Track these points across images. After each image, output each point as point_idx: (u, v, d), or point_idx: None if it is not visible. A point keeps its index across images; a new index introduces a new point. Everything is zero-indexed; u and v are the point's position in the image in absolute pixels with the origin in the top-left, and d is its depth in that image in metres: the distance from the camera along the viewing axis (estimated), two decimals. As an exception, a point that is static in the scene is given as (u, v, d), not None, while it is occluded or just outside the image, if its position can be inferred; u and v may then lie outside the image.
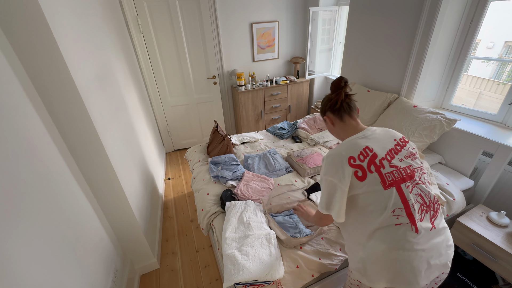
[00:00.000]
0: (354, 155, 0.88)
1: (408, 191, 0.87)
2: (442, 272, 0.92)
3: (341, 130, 1.02)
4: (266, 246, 1.23)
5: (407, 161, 0.92)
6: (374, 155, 0.88)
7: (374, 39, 2.30)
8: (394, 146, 0.93)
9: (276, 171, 1.89)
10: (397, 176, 0.88)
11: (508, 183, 1.74)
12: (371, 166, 0.87)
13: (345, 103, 0.99)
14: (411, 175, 0.90)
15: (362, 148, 0.89)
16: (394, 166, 0.89)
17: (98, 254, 1.30)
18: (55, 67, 1.03)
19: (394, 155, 0.91)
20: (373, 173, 0.86)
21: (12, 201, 0.79)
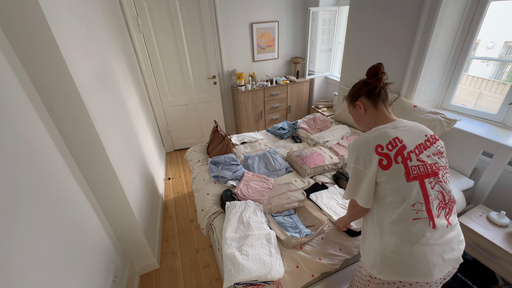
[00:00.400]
0: (382, 143, 0.87)
1: (430, 187, 0.87)
2: (453, 267, 0.93)
3: (372, 117, 0.99)
4: (266, 246, 1.23)
5: (434, 158, 0.91)
6: (403, 147, 0.87)
7: (374, 39, 2.30)
8: (424, 141, 0.92)
9: (276, 171, 1.89)
10: (422, 171, 0.87)
11: (508, 183, 1.74)
12: (398, 156, 0.86)
13: (383, 90, 0.96)
14: (436, 172, 0.89)
15: (392, 138, 0.88)
16: (421, 161, 0.88)
17: (98, 254, 1.30)
18: (55, 67, 1.03)
19: (422, 150, 0.90)
20: (399, 164, 0.86)
21: (12, 201, 0.79)
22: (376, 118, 0.98)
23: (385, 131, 0.91)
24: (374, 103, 0.97)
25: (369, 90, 0.96)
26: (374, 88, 0.95)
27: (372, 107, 0.98)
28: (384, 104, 0.98)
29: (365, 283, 1.02)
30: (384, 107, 0.98)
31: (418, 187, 0.86)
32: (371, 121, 0.99)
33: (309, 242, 1.32)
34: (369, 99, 0.97)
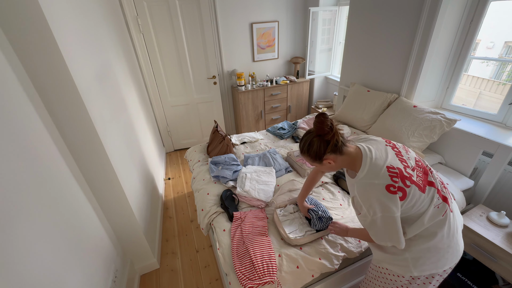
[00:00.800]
0: (388, 182, 0.85)
1: (434, 179, 0.92)
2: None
3: (343, 162, 0.96)
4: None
5: (410, 156, 0.95)
6: (399, 170, 0.86)
7: (374, 39, 2.30)
8: (392, 149, 0.94)
9: (276, 171, 1.89)
10: (421, 175, 0.91)
11: (508, 183, 1.74)
12: (405, 181, 0.85)
13: (341, 137, 0.94)
14: (424, 165, 0.94)
15: (386, 170, 0.86)
16: (413, 168, 0.90)
17: (98, 254, 1.30)
18: (55, 67, 1.03)
19: (403, 158, 0.92)
20: (410, 186, 0.86)
21: (12, 201, 0.79)
22: (345, 162, 0.96)
23: (376, 166, 0.88)
24: (340, 153, 0.94)
25: (331, 146, 0.92)
26: (336, 143, 0.91)
27: (339, 156, 0.94)
28: (346, 145, 0.95)
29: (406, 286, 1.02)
30: (347, 148, 0.95)
31: (431, 188, 0.90)
32: (343, 165, 0.98)
33: (309, 243, 1.32)
34: (335, 153, 0.94)
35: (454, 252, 0.93)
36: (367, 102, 2.32)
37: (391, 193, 0.83)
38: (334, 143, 0.91)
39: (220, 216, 1.53)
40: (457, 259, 0.94)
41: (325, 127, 0.90)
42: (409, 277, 0.97)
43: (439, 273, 0.95)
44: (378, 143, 0.97)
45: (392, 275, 1.02)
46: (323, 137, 0.92)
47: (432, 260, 0.92)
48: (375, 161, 0.89)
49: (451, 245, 0.92)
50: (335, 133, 0.90)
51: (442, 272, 0.95)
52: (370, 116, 2.27)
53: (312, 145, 0.94)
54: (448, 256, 0.92)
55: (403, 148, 0.97)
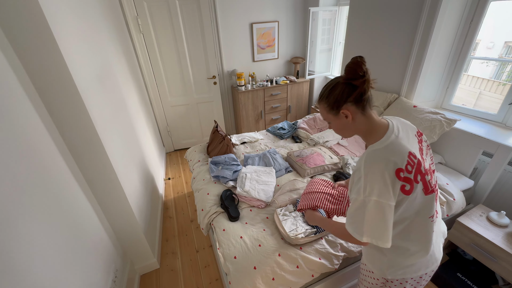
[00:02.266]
0: (402, 165, 0.73)
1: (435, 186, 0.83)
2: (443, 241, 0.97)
3: (360, 126, 0.82)
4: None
5: (428, 157, 0.85)
6: (419, 163, 0.75)
7: (374, 39, 2.30)
8: (418, 143, 0.82)
9: (276, 171, 1.89)
10: (431, 177, 0.81)
11: (508, 183, 1.74)
12: (417, 176, 0.75)
13: (370, 93, 0.79)
14: (433, 171, 0.85)
15: (407, 155, 0.74)
16: (430, 170, 0.81)
17: (98, 254, 1.30)
18: (55, 67, 1.03)
19: (423, 156, 0.81)
20: (419, 183, 0.75)
21: (12, 201, 0.79)
22: (365, 125, 0.82)
23: (399, 144, 0.76)
24: (362, 110, 0.80)
25: (357, 95, 0.77)
26: (363, 93, 0.76)
27: (360, 114, 0.80)
28: (371, 108, 0.82)
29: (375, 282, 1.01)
30: (371, 112, 0.82)
31: (433, 198, 0.81)
32: (360, 130, 0.84)
33: (309, 243, 1.32)
34: (357, 106, 0.79)
35: (430, 259, 0.88)
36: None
37: (398, 179, 0.72)
38: (362, 92, 0.76)
39: (220, 216, 1.53)
40: (433, 265, 0.89)
41: (358, 70, 0.74)
42: (382, 279, 0.96)
43: (413, 278, 0.89)
44: (408, 128, 0.84)
45: (369, 276, 1.02)
46: (351, 81, 0.77)
47: (407, 265, 0.87)
48: (400, 140, 0.76)
49: (430, 252, 0.87)
50: (366, 80, 0.75)
51: (418, 278, 0.90)
52: (370, 116, 2.27)
53: (335, 88, 0.80)
54: (423, 261, 0.87)
55: (426, 147, 0.87)
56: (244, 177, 1.74)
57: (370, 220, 0.75)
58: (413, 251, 0.86)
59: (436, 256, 0.89)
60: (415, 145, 0.80)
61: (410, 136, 0.81)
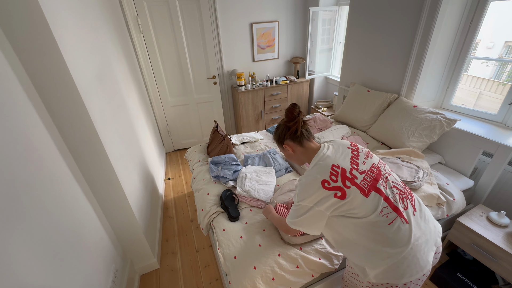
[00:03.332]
0: (326, 177, 0.89)
1: (384, 188, 0.91)
2: (436, 251, 0.96)
3: (302, 155, 1.04)
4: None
5: (368, 162, 0.96)
6: (343, 170, 0.90)
7: (374, 39, 2.30)
8: (351, 152, 0.97)
9: (275, 171, 1.89)
10: (370, 180, 0.91)
11: (508, 183, 1.74)
12: (345, 182, 0.88)
13: (304, 129, 1.02)
14: (379, 173, 0.94)
15: (330, 168, 0.90)
16: (363, 172, 0.92)
17: (98, 254, 1.30)
18: (55, 67, 1.03)
19: (357, 161, 0.94)
20: (351, 187, 0.88)
21: (12, 201, 0.79)
22: (305, 153, 1.03)
23: (321, 163, 0.93)
24: (299, 143, 1.02)
25: (291, 133, 1.01)
26: (295, 131, 1.00)
27: (298, 146, 1.03)
28: (309, 140, 1.03)
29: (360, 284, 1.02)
30: (309, 142, 1.02)
31: (377, 195, 0.89)
32: (303, 157, 1.05)
33: (309, 242, 1.32)
34: (293, 141, 1.02)
35: (412, 265, 0.86)
36: (367, 102, 2.32)
37: (325, 188, 0.88)
38: (293, 131, 1.01)
39: (220, 216, 1.54)
40: (417, 273, 0.87)
41: (290, 115, 1.02)
42: (367, 282, 0.97)
43: (397, 285, 0.89)
44: (340, 145, 1.00)
45: (356, 279, 1.03)
46: (288, 123, 1.02)
47: (387, 269, 0.87)
48: (326, 158, 0.94)
49: (407, 257, 0.86)
50: (297, 122, 1.00)
51: (402, 285, 0.90)
52: (370, 116, 2.27)
53: (278, 129, 1.08)
54: (404, 267, 0.86)
55: (365, 153, 0.99)
56: (244, 177, 1.74)
57: (297, 215, 0.96)
58: (386, 252, 0.87)
59: (420, 264, 0.87)
60: (345, 155, 0.96)
61: (341, 150, 0.98)
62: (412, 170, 1.66)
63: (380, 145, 2.13)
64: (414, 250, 0.87)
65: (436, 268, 1.63)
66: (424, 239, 0.90)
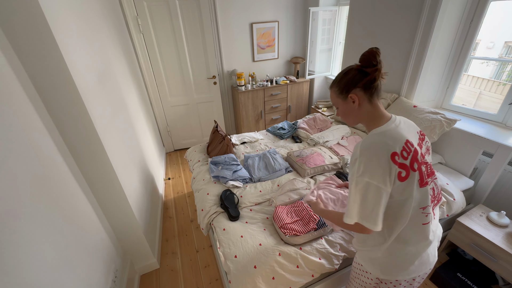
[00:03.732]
0: (397, 150, 0.75)
1: (430, 187, 0.84)
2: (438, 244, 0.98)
3: (365, 113, 0.86)
4: None
5: (427, 156, 0.88)
6: (415, 151, 0.78)
7: (374, 39, 2.30)
8: (418, 138, 0.85)
9: (276, 171, 1.89)
10: (429, 173, 0.83)
11: (508, 183, 1.74)
12: (414, 164, 0.77)
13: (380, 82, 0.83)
14: (433, 171, 0.87)
15: (404, 142, 0.77)
16: (425, 162, 0.82)
17: (98, 254, 1.30)
18: (55, 67, 1.03)
19: (422, 152, 0.84)
20: (416, 171, 0.77)
21: (12, 201, 0.79)
22: (370, 113, 0.85)
23: (397, 132, 0.79)
24: (370, 97, 0.83)
25: (367, 82, 0.81)
26: (373, 80, 0.80)
27: (367, 101, 0.84)
28: (379, 98, 0.86)
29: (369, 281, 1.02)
30: (378, 101, 0.86)
31: (428, 190, 0.82)
32: (364, 117, 0.87)
33: (309, 242, 1.32)
34: (365, 92, 0.83)
35: (424, 261, 0.89)
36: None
37: (394, 163, 0.74)
38: (372, 79, 0.80)
39: (220, 216, 1.54)
40: (426, 268, 0.89)
41: (372, 60, 0.79)
42: (376, 279, 0.97)
43: (406, 279, 0.91)
44: (411, 125, 0.87)
45: (363, 276, 1.02)
46: (364, 69, 0.81)
47: (401, 266, 0.88)
48: (399, 129, 0.80)
49: (422, 254, 0.88)
50: (378, 69, 0.79)
51: (411, 280, 0.91)
52: (370, 116, 2.27)
53: (348, 74, 0.85)
54: (416, 264, 0.88)
55: (427, 147, 0.89)
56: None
57: (359, 201, 0.78)
58: (407, 249, 0.87)
59: (430, 260, 0.90)
60: (415, 140, 0.83)
61: (411, 131, 0.84)
62: (412, 170, 1.66)
63: (380, 145, 2.12)
64: (429, 247, 0.89)
65: (436, 268, 1.63)
66: (437, 236, 0.93)
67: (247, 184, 1.81)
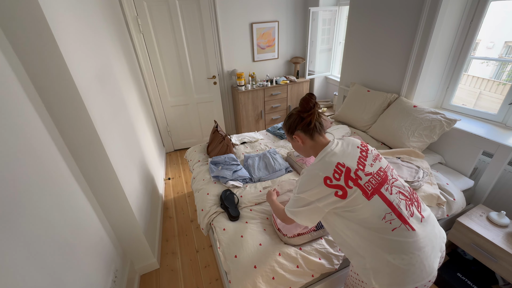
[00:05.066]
0: (329, 174, 0.87)
1: (388, 193, 0.88)
2: (441, 256, 0.94)
3: (310, 148, 1.02)
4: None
5: (376, 164, 0.93)
6: (347, 170, 0.88)
7: (374, 39, 2.30)
8: (360, 153, 0.94)
9: (276, 171, 1.89)
10: (375, 183, 0.88)
11: (508, 183, 1.74)
12: (348, 181, 0.86)
13: (318, 122, 0.99)
14: (385, 177, 0.91)
15: (335, 166, 0.88)
16: (369, 174, 0.89)
17: (98, 254, 1.30)
18: (55, 67, 1.03)
19: (364, 162, 0.91)
20: (353, 188, 0.86)
21: (12, 201, 0.79)
22: (314, 147, 1.00)
23: (326, 160, 0.91)
24: (310, 136, 0.99)
25: (304, 125, 0.98)
26: (309, 123, 0.97)
27: (309, 139, 1.00)
28: (320, 134, 1.00)
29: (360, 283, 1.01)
30: (320, 136, 1.00)
31: (379, 199, 0.87)
32: (311, 151, 1.03)
33: (309, 242, 1.32)
34: (305, 133, 0.99)
35: (418, 272, 0.85)
36: (367, 102, 2.32)
37: (326, 186, 0.87)
38: (307, 123, 0.97)
39: (220, 216, 1.54)
40: (423, 280, 0.86)
41: (306, 105, 0.98)
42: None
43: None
44: (350, 143, 0.98)
45: (360, 286, 1.02)
46: (302, 113, 0.99)
47: (392, 276, 0.86)
48: (332, 155, 0.92)
49: (413, 263, 0.85)
50: (312, 113, 0.97)
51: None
52: (370, 116, 2.27)
53: (290, 118, 1.04)
54: (409, 274, 0.85)
55: (374, 155, 0.96)
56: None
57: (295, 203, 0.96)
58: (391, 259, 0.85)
59: (427, 270, 0.86)
60: (353, 154, 0.93)
61: (349, 148, 0.95)
62: (412, 170, 1.66)
63: (380, 145, 2.13)
64: (421, 257, 0.85)
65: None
66: (431, 246, 0.88)
67: (247, 184, 1.81)
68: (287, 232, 1.31)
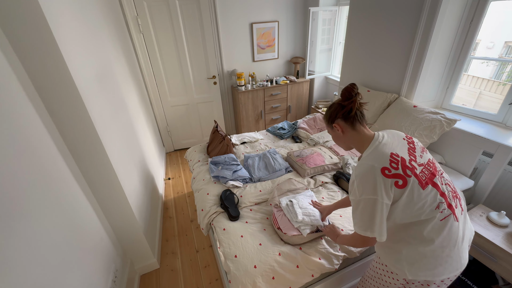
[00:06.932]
0: (385, 165, 0.85)
1: (440, 183, 0.90)
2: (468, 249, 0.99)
3: (351, 138, 0.99)
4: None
5: (424, 156, 0.94)
6: (403, 159, 0.87)
7: (374, 39, 2.30)
8: (407, 144, 0.94)
9: (276, 171, 1.89)
10: (427, 173, 0.89)
11: (508, 183, 1.74)
12: (406, 170, 0.85)
13: (359, 111, 0.97)
14: (435, 168, 0.92)
15: (389, 156, 0.87)
16: (421, 164, 0.89)
17: (98, 254, 1.30)
18: (55, 67, 1.03)
19: (414, 154, 0.91)
20: (411, 177, 0.85)
21: (12, 201, 0.79)
22: (355, 138, 0.98)
23: (380, 151, 0.89)
24: (351, 125, 0.97)
25: (344, 112, 0.96)
26: (349, 111, 0.95)
27: (350, 128, 0.98)
28: (362, 124, 0.98)
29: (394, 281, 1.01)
30: (362, 127, 0.98)
31: (433, 189, 0.87)
32: (351, 142, 1.01)
33: (309, 242, 1.32)
34: (345, 121, 0.97)
35: (454, 264, 0.89)
36: (367, 102, 2.32)
37: (385, 176, 0.84)
38: (348, 111, 0.95)
39: (220, 216, 1.54)
40: (457, 271, 0.90)
41: (346, 93, 0.95)
42: (403, 280, 0.97)
43: (435, 282, 0.92)
44: (395, 134, 0.98)
45: (388, 276, 1.01)
46: (342, 102, 0.97)
47: (428, 267, 0.88)
48: (382, 146, 0.90)
49: (452, 255, 0.89)
50: (353, 101, 0.94)
51: (439, 282, 0.92)
52: (370, 116, 2.27)
53: (331, 108, 1.02)
54: (446, 266, 0.88)
55: (420, 148, 0.97)
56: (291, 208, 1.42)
57: (363, 215, 0.89)
58: (434, 248, 0.88)
59: (462, 261, 0.91)
60: (401, 145, 0.93)
61: (396, 141, 0.94)
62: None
63: (380, 145, 2.12)
64: (459, 249, 0.89)
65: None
66: (467, 238, 0.93)
67: (247, 184, 1.81)
68: (287, 230, 1.31)
